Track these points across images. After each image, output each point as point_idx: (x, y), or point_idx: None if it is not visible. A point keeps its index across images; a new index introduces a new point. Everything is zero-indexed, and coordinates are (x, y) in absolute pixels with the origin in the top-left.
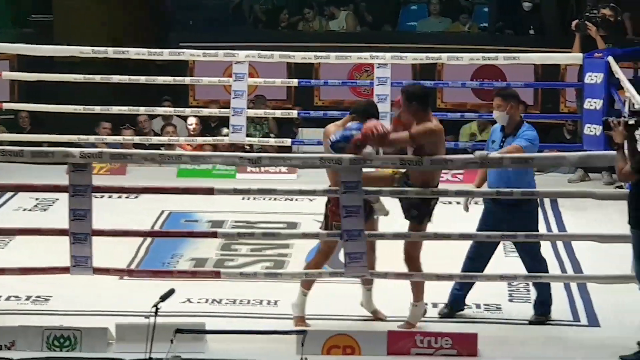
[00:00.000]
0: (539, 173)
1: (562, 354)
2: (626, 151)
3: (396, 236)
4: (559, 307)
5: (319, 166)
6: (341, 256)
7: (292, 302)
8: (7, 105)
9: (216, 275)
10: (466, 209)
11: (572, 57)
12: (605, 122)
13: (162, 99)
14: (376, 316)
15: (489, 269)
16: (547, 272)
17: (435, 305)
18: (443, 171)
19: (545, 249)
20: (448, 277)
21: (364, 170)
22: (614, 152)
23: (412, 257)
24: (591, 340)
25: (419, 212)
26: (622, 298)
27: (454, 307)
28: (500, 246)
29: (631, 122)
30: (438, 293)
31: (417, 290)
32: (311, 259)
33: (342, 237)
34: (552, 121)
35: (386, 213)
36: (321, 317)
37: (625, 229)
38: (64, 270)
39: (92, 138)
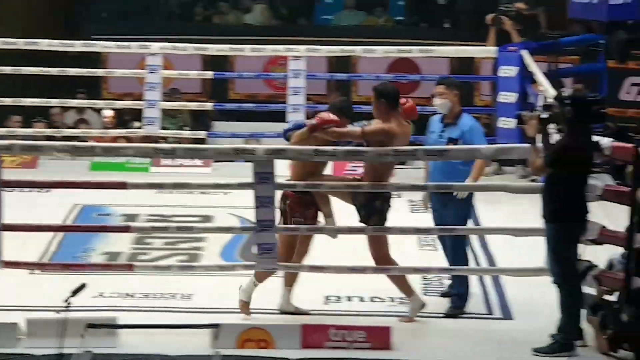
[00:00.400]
0: None
1: (475, 346)
2: (539, 145)
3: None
4: (473, 300)
5: (233, 158)
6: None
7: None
8: None
9: (129, 268)
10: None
11: (486, 51)
12: (519, 116)
13: (75, 92)
14: (299, 312)
15: (403, 262)
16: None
17: (349, 298)
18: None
19: None
20: (361, 270)
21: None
22: (527, 145)
23: (379, 258)
24: (505, 333)
25: (366, 211)
26: (535, 291)
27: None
28: (415, 239)
29: (544, 116)
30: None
31: (402, 288)
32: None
33: (254, 229)
34: None
35: (334, 236)
36: (235, 310)
37: (538, 222)
38: None
39: (2, 130)
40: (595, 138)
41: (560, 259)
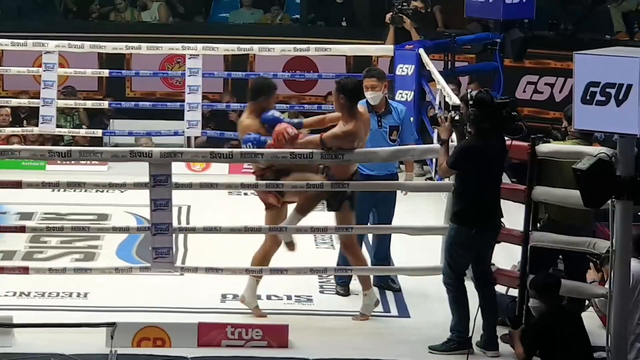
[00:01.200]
0: None
1: (372, 344)
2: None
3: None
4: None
5: (129, 159)
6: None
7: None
8: None
9: (24, 271)
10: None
11: (383, 49)
12: (434, 116)
13: None
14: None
15: (299, 262)
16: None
17: (269, 297)
18: None
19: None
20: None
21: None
22: (423, 146)
23: (347, 244)
24: (401, 330)
25: (335, 200)
26: (431, 289)
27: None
28: (311, 238)
29: (456, 117)
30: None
31: (364, 280)
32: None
33: (150, 231)
34: None
35: (292, 248)
36: (131, 309)
37: (434, 220)
38: None
39: None
40: (504, 139)
41: (449, 260)
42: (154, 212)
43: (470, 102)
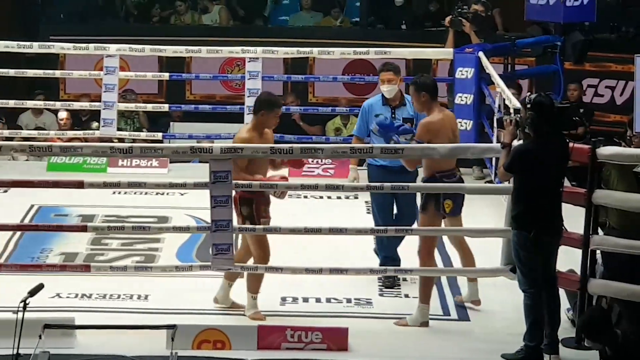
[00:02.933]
0: None
1: (433, 348)
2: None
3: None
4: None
5: (190, 157)
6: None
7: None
8: None
9: (86, 269)
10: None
11: (443, 52)
12: (499, 120)
13: (34, 93)
14: (236, 307)
15: (359, 264)
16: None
17: (306, 299)
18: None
19: (417, 243)
20: (317, 271)
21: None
22: (483, 145)
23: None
24: (462, 335)
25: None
26: (491, 292)
27: None
28: (371, 240)
29: (517, 120)
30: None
31: (424, 291)
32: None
33: (210, 229)
34: None
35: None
36: (192, 311)
37: (494, 223)
38: None
39: None
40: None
41: (520, 266)
42: (214, 208)
43: (529, 106)
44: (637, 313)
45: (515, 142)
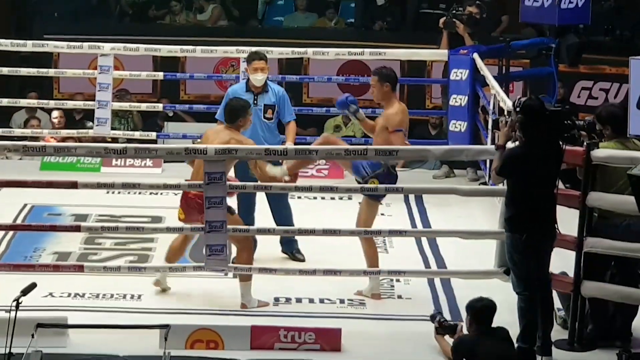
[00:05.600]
0: (404, 169)
1: (425, 350)
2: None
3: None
4: (423, 303)
5: (184, 158)
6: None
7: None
8: None
9: (79, 269)
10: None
11: (437, 54)
12: (495, 121)
13: (27, 91)
14: (262, 305)
15: (353, 265)
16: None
17: (299, 300)
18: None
19: (410, 244)
20: (311, 272)
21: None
22: (478, 147)
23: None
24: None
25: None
26: (484, 293)
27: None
28: None
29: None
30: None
31: (372, 264)
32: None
33: (203, 229)
34: (417, 117)
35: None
36: (185, 311)
37: (487, 225)
38: None
39: None
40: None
41: (514, 269)
42: (208, 209)
43: (518, 109)
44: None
45: (510, 144)
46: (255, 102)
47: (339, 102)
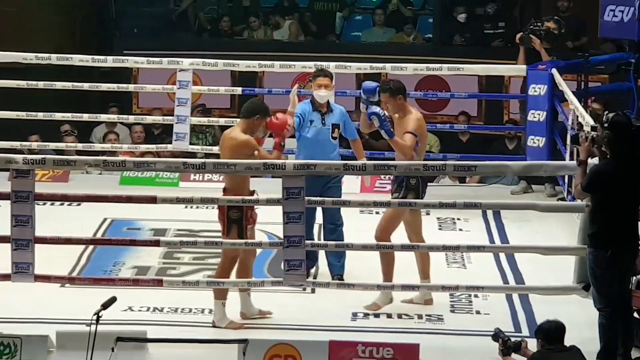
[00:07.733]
0: (481, 184)
1: None
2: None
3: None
4: (501, 318)
5: (262, 172)
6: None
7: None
8: None
9: (158, 283)
10: None
11: (515, 69)
12: (574, 137)
13: (108, 106)
14: (263, 315)
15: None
16: None
17: (377, 315)
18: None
19: (488, 260)
20: (390, 287)
21: None
22: (557, 162)
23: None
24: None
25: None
26: (563, 310)
27: None
28: (442, 256)
29: (595, 137)
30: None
31: (386, 272)
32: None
33: (282, 244)
34: (495, 132)
35: None
36: (263, 326)
37: (566, 241)
38: (5, 277)
39: (34, 144)
40: None
41: (596, 285)
42: (286, 224)
43: (606, 125)
44: None
45: (590, 160)
46: (323, 122)
47: (368, 88)
